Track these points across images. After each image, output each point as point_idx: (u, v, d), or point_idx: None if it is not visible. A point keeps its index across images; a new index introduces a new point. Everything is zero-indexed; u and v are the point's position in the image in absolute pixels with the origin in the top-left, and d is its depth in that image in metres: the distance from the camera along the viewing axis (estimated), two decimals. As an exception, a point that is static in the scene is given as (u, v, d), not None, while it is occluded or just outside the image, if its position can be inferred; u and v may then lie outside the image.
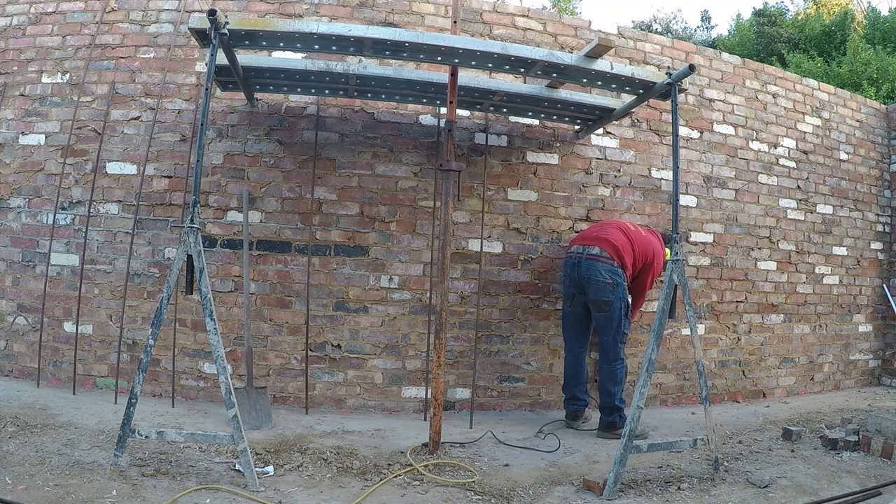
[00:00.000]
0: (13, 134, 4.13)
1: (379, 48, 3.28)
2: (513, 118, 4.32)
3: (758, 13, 13.70)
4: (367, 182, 4.10)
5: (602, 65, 3.34)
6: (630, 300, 3.86)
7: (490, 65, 3.45)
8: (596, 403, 3.92)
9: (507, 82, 3.94)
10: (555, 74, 3.50)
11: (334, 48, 3.25)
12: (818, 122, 5.43)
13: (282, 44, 3.24)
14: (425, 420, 3.85)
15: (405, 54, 3.36)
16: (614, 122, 4.34)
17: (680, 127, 3.72)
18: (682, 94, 4.62)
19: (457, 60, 3.35)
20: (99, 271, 3.98)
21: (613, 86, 3.60)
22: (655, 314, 3.00)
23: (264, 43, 3.23)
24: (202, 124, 2.78)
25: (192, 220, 2.69)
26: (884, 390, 5.56)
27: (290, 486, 2.67)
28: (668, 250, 3.96)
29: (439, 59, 3.36)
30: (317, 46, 3.26)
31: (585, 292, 3.72)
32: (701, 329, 4.75)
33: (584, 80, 3.56)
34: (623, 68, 3.40)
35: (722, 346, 4.86)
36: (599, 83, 3.58)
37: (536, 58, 3.24)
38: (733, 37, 15.10)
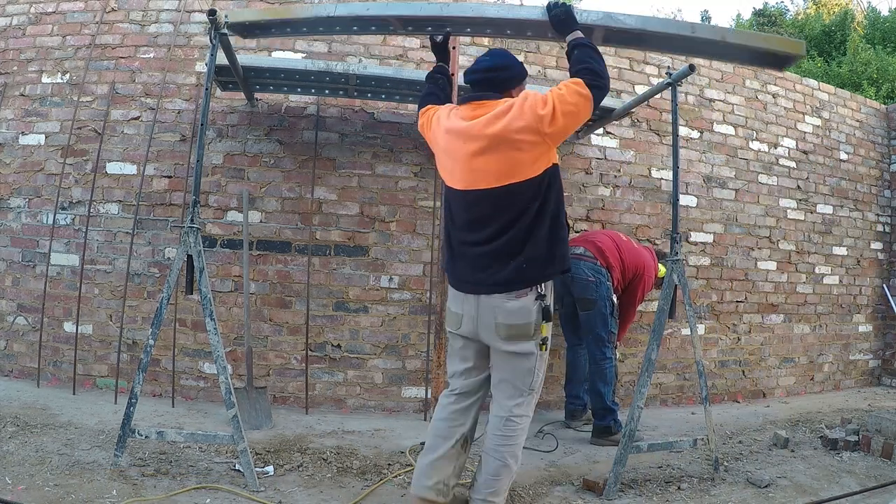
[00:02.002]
0: (13, 134, 4.12)
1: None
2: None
3: (758, 13, 13.72)
4: (367, 182, 4.10)
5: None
6: (616, 301, 3.80)
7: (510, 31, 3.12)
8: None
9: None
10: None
11: (356, 28, 3.07)
12: (818, 122, 5.43)
13: (289, 29, 3.09)
14: (425, 420, 3.85)
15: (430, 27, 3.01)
16: (614, 121, 4.33)
17: (680, 127, 3.71)
18: (682, 94, 4.62)
19: (489, 30, 3.10)
20: (99, 271, 3.98)
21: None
22: (655, 314, 3.00)
23: (273, 30, 3.09)
24: (202, 124, 2.77)
25: (192, 220, 2.68)
26: (884, 390, 5.55)
27: (290, 485, 2.67)
28: (662, 267, 3.91)
29: (468, 30, 3.08)
30: (337, 28, 3.06)
31: (571, 291, 3.73)
32: (701, 329, 4.75)
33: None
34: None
35: (722, 346, 4.85)
36: None
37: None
38: (733, 37, 15.08)
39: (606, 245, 3.74)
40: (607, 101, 3.97)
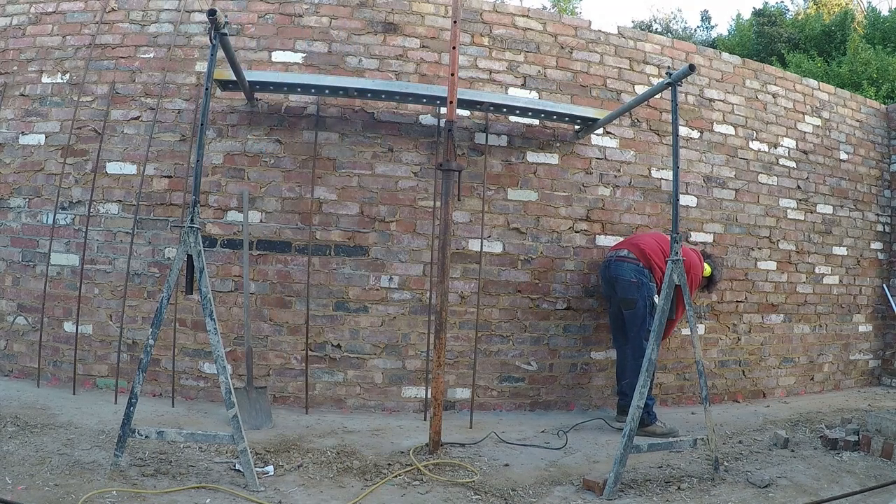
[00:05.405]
0: (13, 134, 4.13)
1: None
2: (513, 118, 4.32)
3: (758, 13, 13.70)
4: (367, 182, 4.10)
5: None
6: (657, 300, 3.83)
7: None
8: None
9: (502, 94, 3.94)
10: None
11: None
12: (818, 122, 5.43)
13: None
14: (425, 420, 3.85)
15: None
16: (614, 122, 4.34)
17: (680, 127, 3.72)
18: (682, 94, 4.62)
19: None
20: (99, 271, 3.98)
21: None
22: (655, 314, 3.00)
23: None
24: (202, 124, 2.78)
25: (192, 220, 2.68)
26: (884, 390, 5.55)
27: (290, 485, 2.67)
28: (707, 267, 4.09)
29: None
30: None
31: (615, 291, 3.89)
32: (701, 329, 4.75)
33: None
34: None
35: (722, 346, 4.85)
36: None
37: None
38: (733, 37, 15.11)
39: (650, 247, 3.87)
40: (603, 112, 4.00)
